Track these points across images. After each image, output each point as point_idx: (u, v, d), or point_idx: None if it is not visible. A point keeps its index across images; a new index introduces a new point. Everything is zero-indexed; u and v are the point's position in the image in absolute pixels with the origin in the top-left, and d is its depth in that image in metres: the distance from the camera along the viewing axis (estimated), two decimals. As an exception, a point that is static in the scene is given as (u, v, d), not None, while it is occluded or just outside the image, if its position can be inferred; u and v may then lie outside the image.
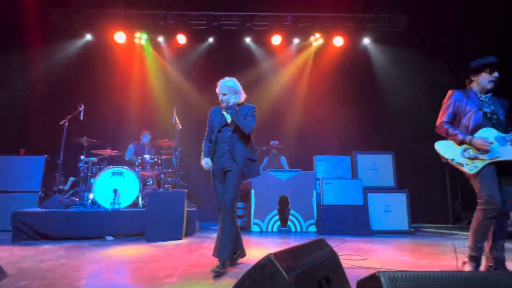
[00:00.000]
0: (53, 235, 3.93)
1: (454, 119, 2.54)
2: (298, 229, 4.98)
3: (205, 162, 2.73)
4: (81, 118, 4.95)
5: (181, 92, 6.66)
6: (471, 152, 2.36)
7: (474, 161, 2.34)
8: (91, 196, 4.51)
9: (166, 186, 4.71)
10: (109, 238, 4.01)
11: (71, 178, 5.11)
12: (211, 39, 6.86)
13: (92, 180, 4.64)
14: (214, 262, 2.51)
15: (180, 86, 6.74)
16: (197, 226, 4.85)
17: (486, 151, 2.31)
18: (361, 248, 3.60)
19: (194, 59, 6.87)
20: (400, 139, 6.38)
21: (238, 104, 2.76)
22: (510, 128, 2.41)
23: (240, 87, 2.79)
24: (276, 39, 6.67)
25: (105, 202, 4.37)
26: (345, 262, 2.52)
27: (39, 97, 6.25)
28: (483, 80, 2.47)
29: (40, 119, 6.07)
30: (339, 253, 1.68)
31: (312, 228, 4.99)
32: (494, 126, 2.38)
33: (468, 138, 2.37)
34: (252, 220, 5.01)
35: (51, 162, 5.20)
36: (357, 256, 3.09)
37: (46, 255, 3.07)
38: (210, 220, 6.31)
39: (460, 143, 2.42)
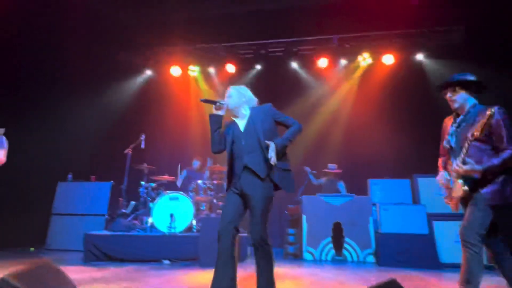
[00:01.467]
0: (117, 257, 4.21)
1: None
2: (355, 259, 4.66)
3: None
4: (142, 146, 5.38)
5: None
6: None
7: None
8: (150, 220, 4.77)
9: (218, 211, 4.80)
10: (166, 261, 4.16)
11: (132, 202, 5.49)
12: (258, 66, 7.12)
13: (151, 204, 4.94)
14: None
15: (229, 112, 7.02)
16: (248, 252, 4.82)
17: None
18: (431, 284, 3.22)
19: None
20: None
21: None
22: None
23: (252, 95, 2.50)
24: (322, 62, 6.66)
25: (163, 226, 4.59)
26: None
27: (106, 129, 6.97)
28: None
29: (107, 148, 6.73)
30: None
31: (370, 258, 4.62)
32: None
33: None
34: (305, 247, 4.82)
35: (116, 187, 5.67)
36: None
37: (112, 277, 3.28)
38: (260, 246, 6.24)
39: None
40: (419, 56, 6.49)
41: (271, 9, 6.51)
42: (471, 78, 2.23)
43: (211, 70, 7.27)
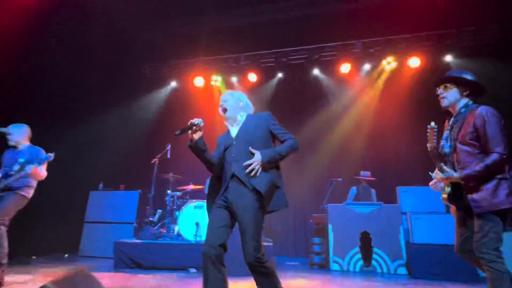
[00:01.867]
0: (145, 265, 4.31)
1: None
2: (385, 270, 4.46)
3: None
4: (168, 156, 5.52)
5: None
6: None
7: None
8: (176, 228, 4.86)
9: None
10: (193, 270, 4.20)
11: (159, 211, 5.63)
12: (280, 74, 7.14)
13: (177, 213, 5.03)
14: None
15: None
16: (274, 262, 4.76)
17: None
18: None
19: (265, 94, 7.19)
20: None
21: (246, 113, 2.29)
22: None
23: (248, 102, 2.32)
24: (345, 68, 6.57)
25: (189, 234, 4.65)
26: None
27: (134, 140, 7.23)
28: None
29: (135, 158, 6.98)
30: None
31: (402, 270, 4.41)
32: None
33: None
34: (331, 257, 4.69)
35: (144, 196, 5.85)
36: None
37: (141, 285, 3.35)
38: (285, 255, 6.16)
39: None
40: (448, 57, 6.24)
41: (292, 17, 6.55)
42: (468, 77, 2.02)
43: (234, 79, 7.38)
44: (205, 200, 4.83)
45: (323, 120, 6.53)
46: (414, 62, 6.23)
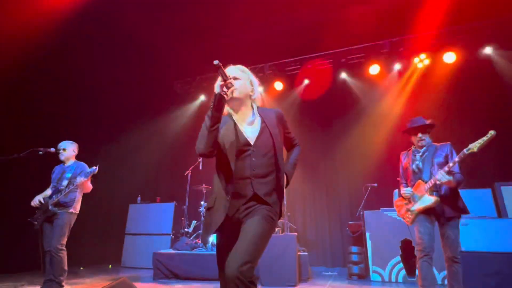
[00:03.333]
0: (182, 275, 4.40)
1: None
2: (431, 281, 4.15)
3: None
4: (200, 168, 5.66)
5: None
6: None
7: (408, 213, 2.76)
8: (210, 238, 4.92)
9: (276, 229, 4.75)
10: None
11: (194, 222, 5.75)
12: (306, 81, 7.08)
13: (210, 223, 5.10)
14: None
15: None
16: (309, 272, 4.63)
17: (410, 203, 2.76)
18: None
19: (292, 102, 7.16)
20: None
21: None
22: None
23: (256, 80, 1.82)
24: (374, 69, 6.36)
25: (223, 244, 4.68)
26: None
27: (167, 153, 7.52)
28: (414, 140, 2.96)
29: (169, 171, 7.24)
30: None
31: (451, 281, 4.07)
32: (421, 179, 2.75)
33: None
34: (371, 267, 4.47)
35: (178, 207, 6.02)
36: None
37: (179, 295, 3.42)
38: (321, 265, 5.97)
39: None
40: (487, 50, 5.81)
41: (315, 21, 6.50)
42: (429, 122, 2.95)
43: (260, 89, 7.45)
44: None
45: (355, 124, 6.34)
46: (450, 57, 5.87)
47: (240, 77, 1.71)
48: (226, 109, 1.70)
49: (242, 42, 7.11)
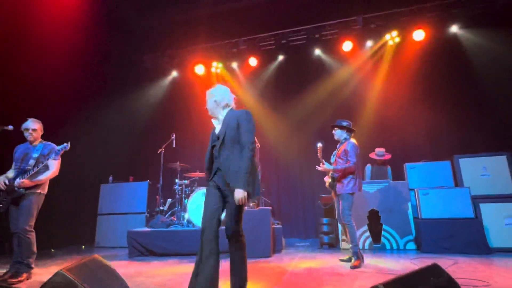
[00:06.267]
0: (158, 252, 4.44)
1: None
2: (394, 246, 4.51)
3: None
4: (173, 145, 5.57)
5: (258, 111, 6.86)
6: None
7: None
8: (186, 215, 4.96)
9: (251, 204, 4.86)
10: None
11: (169, 200, 5.73)
12: (280, 57, 7.02)
13: (186, 201, 5.12)
14: (309, 280, 2.43)
15: (255, 106, 7.01)
16: (283, 243, 4.84)
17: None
18: (479, 270, 3.03)
19: (267, 78, 7.11)
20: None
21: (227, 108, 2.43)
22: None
23: (225, 92, 2.45)
24: (346, 46, 6.42)
25: (198, 220, 4.74)
26: (462, 289, 2.14)
27: (139, 131, 7.30)
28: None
29: (141, 149, 7.06)
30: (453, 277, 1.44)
31: (411, 245, 4.45)
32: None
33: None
34: (340, 236, 4.75)
35: (153, 186, 5.95)
36: (476, 282, 2.60)
37: (155, 271, 3.46)
38: (295, 237, 6.25)
39: None
40: (454, 28, 6.03)
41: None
42: (344, 123, 4.00)
43: (234, 65, 7.30)
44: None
45: (327, 100, 6.45)
46: (419, 35, 6.04)
47: (208, 100, 2.45)
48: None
49: (215, 15, 6.85)
